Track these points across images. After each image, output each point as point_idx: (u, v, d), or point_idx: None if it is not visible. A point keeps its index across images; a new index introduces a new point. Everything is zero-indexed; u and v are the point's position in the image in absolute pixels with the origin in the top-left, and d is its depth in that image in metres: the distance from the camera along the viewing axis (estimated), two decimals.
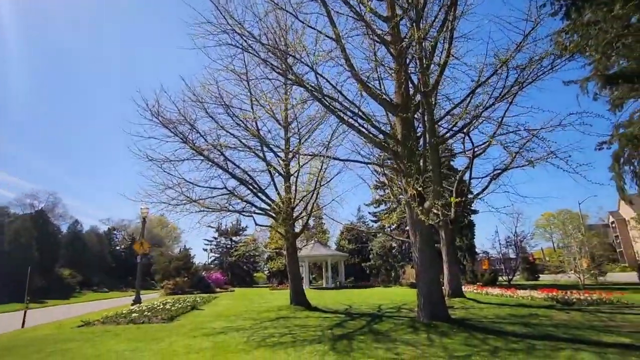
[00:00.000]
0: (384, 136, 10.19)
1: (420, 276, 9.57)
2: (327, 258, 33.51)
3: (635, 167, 9.75)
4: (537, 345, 6.81)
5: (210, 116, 14.48)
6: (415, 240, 9.63)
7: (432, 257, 9.52)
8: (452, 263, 16.28)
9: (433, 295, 9.26)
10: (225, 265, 48.19)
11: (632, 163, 9.77)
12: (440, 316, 9.05)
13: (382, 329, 9.08)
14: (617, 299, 13.67)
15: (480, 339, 7.51)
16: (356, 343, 7.48)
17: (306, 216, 16.38)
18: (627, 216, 59.12)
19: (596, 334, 7.92)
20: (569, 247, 26.38)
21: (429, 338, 7.69)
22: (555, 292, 15.17)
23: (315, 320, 11.16)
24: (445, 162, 28.14)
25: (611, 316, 10.47)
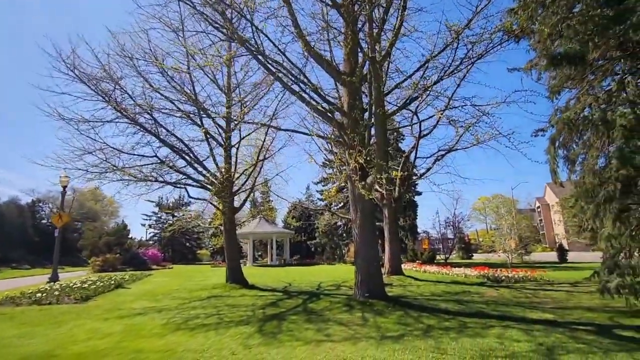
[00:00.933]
0: (329, 106, 9.52)
1: (358, 253, 9.24)
2: (273, 235, 32.92)
3: (568, 152, 9.94)
4: (469, 323, 6.74)
5: (140, 75, 12.79)
6: (355, 216, 9.23)
7: (372, 234, 9.22)
8: (394, 241, 16.40)
9: (371, 273, 9.00)
10: (164, 241, 45.73)
11: (566, 147, 9.96)
12: (377, 294, 8.82)
13: (317, 307, 8.67)
14: (540, 277, 14.57)
15: (415, 317, 7.34)
16: (287, 324, 6.95)
17: (247, 191, 15.47)
18: (551, 202, 65.12)
19: (522, 310, 8.12)
20: (500, 228, 28.20)
21: (364, 317, 7.38)
22: (487, 270, 15.89)
23: (249, 299, 10.52)
24: (394, 143, 28.40)
25: (535, 293, 10.99)
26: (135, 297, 11.44)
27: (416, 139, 15.50)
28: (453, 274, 17.68)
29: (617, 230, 7.33)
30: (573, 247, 35.92)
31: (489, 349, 5.14)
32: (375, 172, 7.95)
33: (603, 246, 7.53)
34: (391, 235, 16.36)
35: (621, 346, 5.24)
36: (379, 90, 7.69)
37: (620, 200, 7.33)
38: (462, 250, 39.05)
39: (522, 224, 28.42)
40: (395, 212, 16.61)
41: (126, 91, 12.57)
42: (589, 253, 36.47)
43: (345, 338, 5.86)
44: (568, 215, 24.50)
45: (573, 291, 11.22)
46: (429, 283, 14.02)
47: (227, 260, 13.90)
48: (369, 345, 5.41)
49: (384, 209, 16.74)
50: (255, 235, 33.27)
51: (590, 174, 8.26)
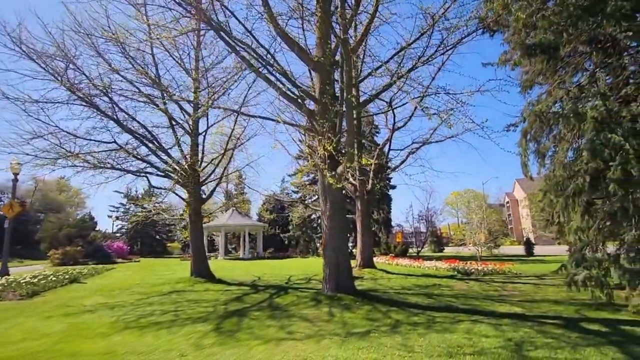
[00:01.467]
0: (300, 92, 9.04)
1: (327, 245, 8.88)
2: (245, 228, 32.20)
3: (539, 145, 9.90)
4: (437, 318, 6.52)
5: (99, 54, 11.82)
6: (325, 207, 8.85)
7: (342, 226, 8.88)
8: (366, 234, 16.19)
9: (340, 266, 8.67)
10: (131, 234, 44.03)
11: (537, 141, 9.92)
12: (346, 288, 8.51)
13: (283, 302, 8.26)
14: (508, 270, 14.78)
15: (383, 312, 7.07)
16: (248, 321, 6.51)
17: (216, 181, 14.80)
18: (519, 197, 67.39)
19: (491, 304, 8.02)
20: (470, 222, 28.71)
21: (330, 312, 7.04)
22: (457, 263, 15.99)
23: (213, 294, 9.99)
24: (369, 136, 28.26)
25: (504, 285, 11.03)
26: (90, 292, 10.67)
27: (390, 131, 15.29)
28: (424, 267, 17.76)
29: (585, 224, 7.30)
30: (539, 240, 37.23)
31: (457, 346, 4.90)
32: (345, 161, 7.59)
33: (571, 239, 7.50)
34: (363, 228, 16.14)
35: (589, 340, 5.13)
36: (350, 75, 7.29)
37: (589, 193, 7.29)
38: (434, 244, 39.71)
39: (492, 217, 29.06)
40: (368, 204, 16.40)
41: (82, 71, 11.60)
42: (554, 246, 37.94)
43: (309, 335, 5.48)
44: (535, 210, 25.17)
45: (540, 284, 11.34)
46: (400, 276, 13.91)
47: (192, 253, 13.25)
48: (332, 344, 5.06)
49: (357, 201, 16.48)
50: (227, 228, 32.45)
51: (560, 167, 8.22)
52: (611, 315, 6.62)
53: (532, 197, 25.19)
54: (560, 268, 8.39)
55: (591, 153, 7.06)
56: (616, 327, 5.84)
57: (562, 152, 8.36)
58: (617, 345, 4.93)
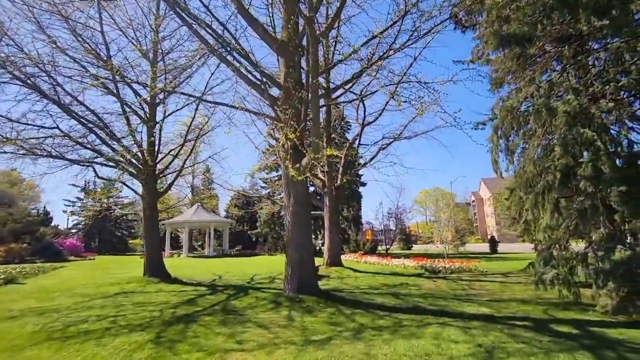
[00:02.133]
0: (263, 77, 8.33)
1: (290, 243, 8.26)
2: (211, 224, 30.97)
3: (509, 142, 9.71)
4: (404, 321, 6.08)
5: (42, 29, 10.57)
6: (288, 202, 8.22)
7: (306, 222, 8.29)
8: (334, 231, 15.69)
9: (304, 265, 8.07)
10: (88, 230, 41.51)
11: (507, 137, 9.72)
12: (309, 289, 7.93)
13: (240, 305, 7.57)
14: (475, 268, 14.75)
15: (347, 315, 6.55)
16: (195, 327, 5.78)
17: (175, 174, 13.79)
18: (485, 196, 69.52)
19: (460, 304, 7.70)
20: (438, 220, 29.02)
21: (290, 317, 6.43)
22: (425, 261, 15.84)
23: (165, 295, 9.13)
24: (340, 132, 27.82)
25: (471, 284, 10.85)
26: (24, 295, 9.51)
27: (360, 126, 14.83)
28: (393, 265, 17.54)
29: (555, 221, 7.11)
30: (503, 238, 38.31)
31: (425, 354, 4.44)
32: (310, 152, 6.99)
33: (540, 237, 7.29)
34: (331, 225, 15.62)
35: (561, 345, 4.82)
36: (315, 58, 6.67)
37: (559, 190, 7.09)
38: (403, 241, 39.98)
39: (459, 216, 29.46)
40: (336, 200, 15.89)
41: (21, 47, 10.31)
42: (517, 244, 39.18)
43: (261, 345, 4.85)
44: (501, 209, 25.73)
45: (506, 282, 11.26)
46: (367, 275, 13.52)
47: (145, 250, 12.22)
48: (287, 355, 4.46)
49: (325, 197, 15.94)
50: (191, 224, 31.11)
51: (530, 164, 8.01)
52: (579, 316, 6.42)
53: (498, 196, 25.73)
54: (528, 266, 8.21)
55: (563, 148, 6.85)
56: (586, 329, 5.60)
57: (532, 148, 8.16)
58: (590, 349, 4.64)
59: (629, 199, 6.22)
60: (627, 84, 7.50)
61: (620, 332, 5.35)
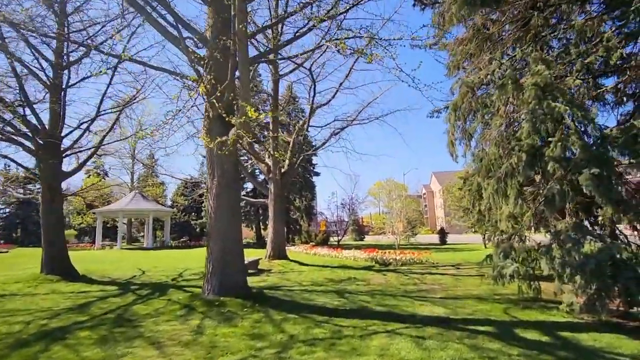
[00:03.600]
0: (186, 30, 6.65)
1: (213, 233, 6.74)
2: (150, 213, 28.16)
3: (468, 125, 8.84)
4: (346, 329, 4.88)
5: None
6: (212, 183, 6.68)
7: (233, 207, 6.80)
8: (279, 221, 14.23)
9: (228, 260, 6.60)
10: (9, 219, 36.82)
11: (465, 119, 8.83)
12: (234, 289, 6.48)
13: (142, 312, 5.98)
14: (426, 259, 14.15)
15: (276, 323, 5.23)
16: (57, 349, 4.16)
17: (90, 151, 11.60)
18: (435, 189, 71.64)
19: (411, 303, 6.69)
20: (391, 212, 28.71)
21: (199, 328, 4.97)
22: (376, 252, 15.03)
23: (54, 300, 7.24)
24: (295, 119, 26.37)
25: (423, 278, 10.02)
26: None
27: (310, 99, 13.45)
28: (342, 257, 16.63)
29: (519, 209, 6.26)
30: (452, 230, 39.15)
31: None
32: (238, 118, 5.51)
33: (503, 227, 6.43)
34: (276, 214, 14.15)
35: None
36: None
37: (524, 174, 6.23)
38: (355, 232, 39.60)
39: (411, 206, 29.36)
40: (282, 187, 14.43)
41: None
42: (465, 235, 40.35)
43: None
44: (452, 200, 25.78)
45: (458, 275, 10.59)
46: (314, 268, 12.32)
47: (43, 242, 10.02)
48: None
49: (270, 183, 14.41)
50: (126, 213, 28.19)
51: (492, 145, 7.13)
52: (544, 317, 5.62)
53: (450, 187, 25.80)
54: (486, 259, 7.38)
55: (532, 125, 5.97)
56: (556, 335, 4.74)
57: (494, 128, 7.27)
58: None
59: (599, 183, 5.47)
60: (594, 60, 6.80)
61: (594, 338, 4.52)
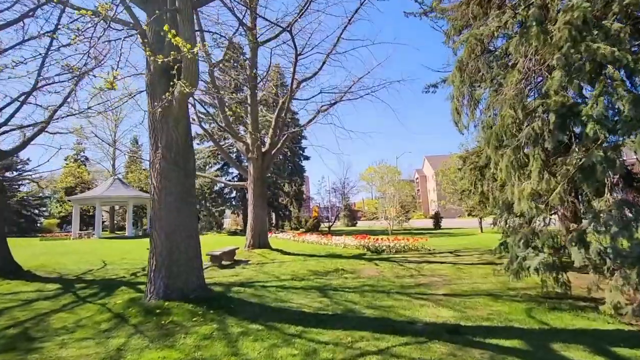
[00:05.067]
0: None
1: (156, 222, 5.29)
2: (129, 200, 26.50)
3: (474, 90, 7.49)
4: (324, 350, 3.55)
5: None
6: (155, 155, 5.23)
7: (184, 190, 5.34)
8: (260, 206, 12.74)
9: (179, 255, 5.18)
10: None
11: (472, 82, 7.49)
12: (187, 290, 5.10)
13: (60, 324, 4.57)
14: (422, 245, 12.97)
15: (231, 340, 3.88)
16: None
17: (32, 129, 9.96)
18: (428, 173, 70.69)
19: (409, 303, 5.40)
20: (384, 197, 27.54)
21: (120, 351, 3.59)
22: (368, 238, 13.81)
23: None
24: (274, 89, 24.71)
25: (420, 268, 8.78)
26: None
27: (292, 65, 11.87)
28: (332, 244, 15.43)
29: (545, 185, 4.93)
30: (445, 214, 38.20)
31: None
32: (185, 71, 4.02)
33: (524, 207, 5.11)
34: (256, 198, 12.68)
35: None
36: None
37: (554, 139, 4.89)
38: (347, 218, 38.50)
39: (405, 190, 28.22)
40: (263, 169, 12.91)
41: None
42: (459, 220, 39.51)
43: None
44: (447, 183, 24.57)
45: (459, 263, 9.38)
46: (298, 258, 11.00)
47: None
48: None
49: (249, 164, 12.92)
50: (103, 200, 26.50)
51: (506, 107, 5.75)
52: (581, 322, 4.35)
53: (445, 170, 24.58)
54: (499, 248, 6.09)
55: (565, 74, 4.59)
56: (610, 353, 3.47)
57: (511, 85, 5.86)
58: None
59: None
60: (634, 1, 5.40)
61: None
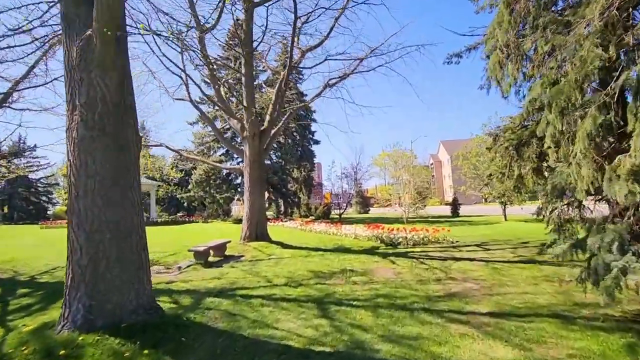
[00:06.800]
0: None
1: (73, 215, 3.52)
2: None
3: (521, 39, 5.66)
4: None
5: None
6: (72, 118, 3.55)
7: (119, 168, 3.66)
8: (257, 193, 11.01)
9: (108, 264, 3.51)
10: None
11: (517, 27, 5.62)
12: (122, 314, 3.53)
13: None
14: (443, 237, 11.30)
15: None
16: None
17: None
18: (443, 158, 68.18)
19: (442, 328, 3.78)
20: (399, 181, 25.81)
21: None
22: (381, 229, 12.17)
23: None
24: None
25: (446, 267, 7.13)
26: None
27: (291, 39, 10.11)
28: (341, 234, 13.90)
29: None
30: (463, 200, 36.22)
31: None
32: None
33: (621, 191, 3.37)
34: (253, 184, 10.99)
35: None
36: None
37: None
38: (360, 205, 36.88)
39: (421, 174, 26.43)
40: (261, 150, 11.17)
41: None
42: (476, 206, 37.48)
43: None
44: (468, 167, 22.60)
45: (492, 260, 7.71)
46: (300, 253, 9.45)
47: None
48: None
49: (244, 145, 11.24)
50: None
51: (591, 43, 3.93)
52: None
53: (466, 153, 22.59)
54: (571, 250, 4.35)
55: None
56: None
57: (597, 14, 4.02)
58: None
59: None
60: None
61: None
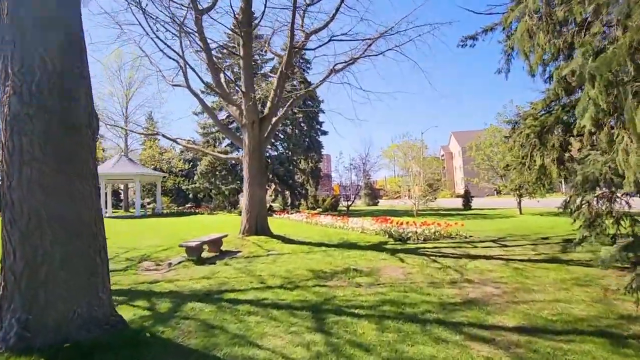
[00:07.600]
0: None
1: (6, 210, 2.91)
2: (136, 178, 24.99)
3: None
4: None
5: None
6: (3, 87, 2.96)
7: (66, 151, 3.07)
8: (257, 184, 10.28)
9: (50, 269, 2.87)
10: None
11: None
12: (69, 329, 2.92)
13: None
14: (456, 232, 10.60)
15: None
16: None
17: None
18: (454, 150, 66.80)
19: (460, 350, 3.12)
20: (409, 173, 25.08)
21: None
22: (390, 223, 11.49)
23: None
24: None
25: (461, 266, 6.45)
26: None
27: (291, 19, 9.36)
28: (348, 228, 13.27)
29: None
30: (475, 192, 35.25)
31: None
32: None
33: None
34: (252, 175, 10.32)
35: None
36: None
37: None
38: (368, 197, 36.17)
39: (432, 165, 25.60)
40: (261, 138, 10.44)
41: None
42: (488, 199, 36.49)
43: None
44: (481, 158, 21.71)
45: (512, 258, 7.01)
46: (301, 248, 8.83)
47: None
48: None
49: (243, 133, 10.58)
50: (110, 178, 25.18)
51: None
52: None
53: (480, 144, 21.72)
54: (621, 252, 3.62)
55: None
56: None
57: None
58: None
59: None
60: None
61: None
